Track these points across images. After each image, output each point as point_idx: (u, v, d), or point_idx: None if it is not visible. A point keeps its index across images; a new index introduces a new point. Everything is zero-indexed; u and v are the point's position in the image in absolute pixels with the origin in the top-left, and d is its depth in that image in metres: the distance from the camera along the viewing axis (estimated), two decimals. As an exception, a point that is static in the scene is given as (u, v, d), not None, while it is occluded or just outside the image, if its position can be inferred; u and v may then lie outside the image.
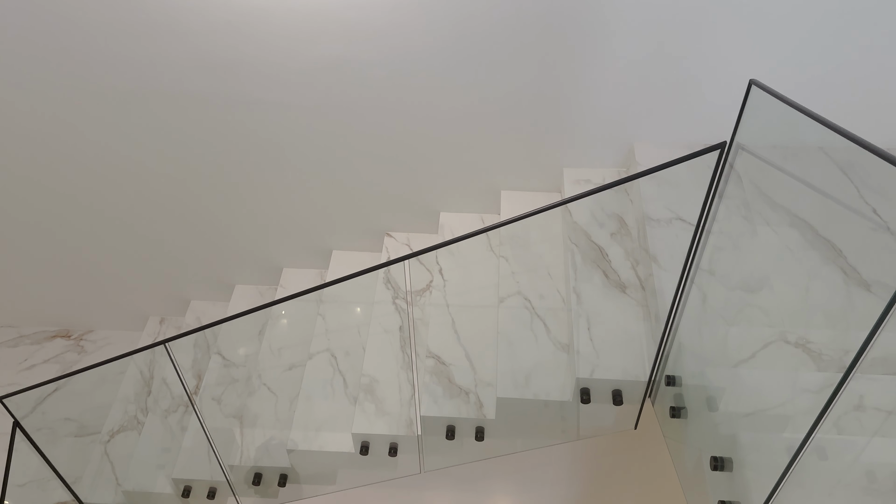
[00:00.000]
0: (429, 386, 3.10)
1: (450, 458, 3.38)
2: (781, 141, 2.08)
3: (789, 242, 2.03)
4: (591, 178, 3.45)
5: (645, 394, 2.82)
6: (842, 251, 1.79)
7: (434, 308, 3.39)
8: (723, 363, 2.29)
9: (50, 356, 4.90)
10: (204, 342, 3.98)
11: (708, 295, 2.29)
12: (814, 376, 1.67)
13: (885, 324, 1.34)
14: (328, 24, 2.94)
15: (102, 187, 3.83)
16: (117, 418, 3.94)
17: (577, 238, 3.15)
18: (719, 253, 2.20)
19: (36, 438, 3.28)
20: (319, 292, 2.75)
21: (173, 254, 4.34)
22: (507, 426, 3.06)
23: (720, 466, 2.16)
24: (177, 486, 3.58)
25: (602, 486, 5.38)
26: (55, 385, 3.20)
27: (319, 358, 3.60)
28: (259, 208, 3.96)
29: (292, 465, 3.42)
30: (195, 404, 3.55)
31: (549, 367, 2.96)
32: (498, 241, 3.47)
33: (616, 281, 2.98)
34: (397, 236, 4.09)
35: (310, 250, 4.28)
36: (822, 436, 1.57)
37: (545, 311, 3.10)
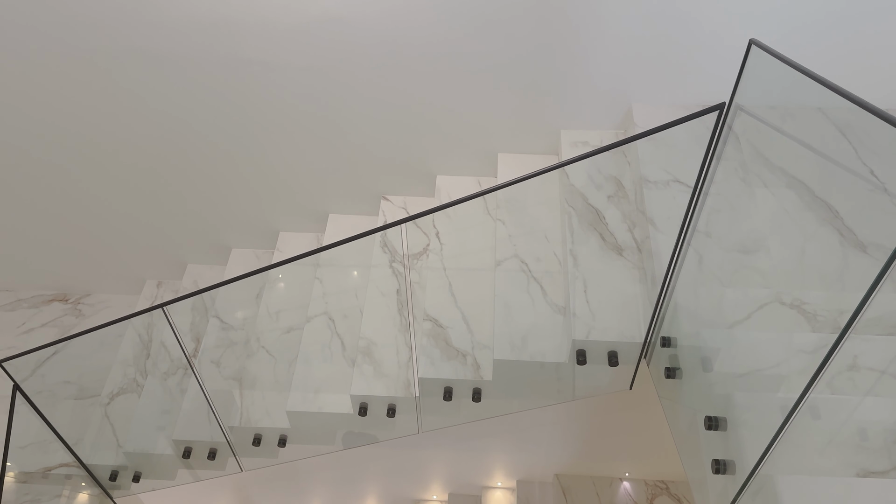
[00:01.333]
0: (426, 348, 3.12)
1: (447, 419, 3.42)
2: (780, 102, 2.07)
3: (786, 204, 2.03)
4: (588, 141, 3.43)
5: (640, 355, 2.84)
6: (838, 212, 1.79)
7: (431, 271, 3.40)
8: (718, 324, 2.31)
9: (48, 320, 4.91)
10: (202, 306, 3.99)
11: (704, 257, 2.30)
12: (808, 337, 1.69)
13: (881, 285, 1.34)
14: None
15: (97, 152, 3.80)
16: (117, 381, 3.97)
17: (574, 201, 3.14)
18: (716, 215, 2.20)
19: (36, 401, 3.30)
20: (316, 256, 2.75)
21: (169, 217, 4.32)
22: (504, 387, 3.09)
23: (714, 426, 2.19)
24: (177, 448, 3.62)
25: (597, 445, 5.46)
26: (54, 348, 3.21)
27: (317, 321, 3.62)
28: (254, 171, 3.93)
29: (292, 426, 3.46)
30: (194, 367, 3.57)
31: (545, 330, 2.98)
32: (495, 204, 3.46)
33: (613, 243, 2.98)
34: (394, 200, 4.07)
35: (306, 214, 4.26)
36: (816, 395, 1.59)
37: (542, 274, 3.11)
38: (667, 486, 5.71)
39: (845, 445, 1.62)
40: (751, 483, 1.96)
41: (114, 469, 3.76)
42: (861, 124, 1.65)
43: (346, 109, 3.49)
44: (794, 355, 1.77)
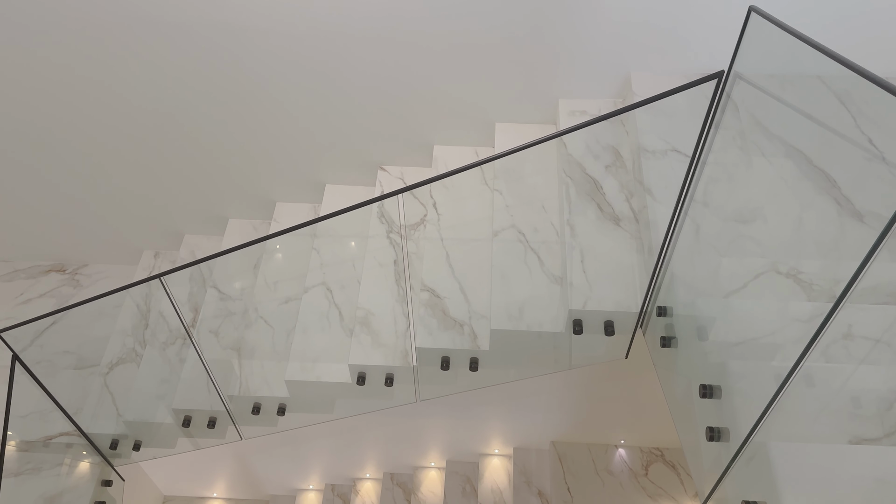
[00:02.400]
0: (424, 318, 3.13)
1: (445, 388, 3.45)
2: (779, 70, 2.05)
3: (784, 173, 2.02)
4: (586, 110, 3.41)
5: (636, 324, 2.86)
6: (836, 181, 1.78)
7: (428, 242, 3.40)
8: (714, 294, 2.32)
9: (45, 290, 4.92)
10: (199, 276, 3.99)
11: (701, 226, 2.30)
12: (804, 306, 1.69)
13: (877, 254, 1.35)
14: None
15: (92, 121, 3.77)
16: (115, 351, 3.99)
17: (572, 171, 3.13)
18: (714, 184, 2.20)
19: (35, 371, 3.32)
20: (313, 226, 2.74)
21: (165, 187, 4.30)
22: (501, 357, 3.11)
23: (709, 394, 2.21)
24: (177, 416, 3.65)
25: (593, 413, 5.52)
26: (53, 318, 3.22)
27: (315, 291, 3.63)
28: (250, 141, 3.91)
29: (291, 396, 3.48)
30: (193, 337, 3.59)
31: (542, 300, 2.99)
32: (492, 174, 3.45)
33: (610, 213, 2.98)
34: (391, 170, 4.05)
35: (303, 184, 4.25)
36: (811, 364, 1.61)
37: (539, 244, 3.12)
38: (661, 452, 5.78)
39: (839, 413, 1.63)
40: (745, 450, 1.99)
41: (114, 438, 3.79)
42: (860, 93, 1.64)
43: (343, 80, 3.46)
44: (790, 324, 1.78)
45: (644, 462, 5.75)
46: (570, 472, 5.70)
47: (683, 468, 5.67)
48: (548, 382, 4.95)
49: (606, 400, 5.25)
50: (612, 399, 5.22)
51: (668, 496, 5.54)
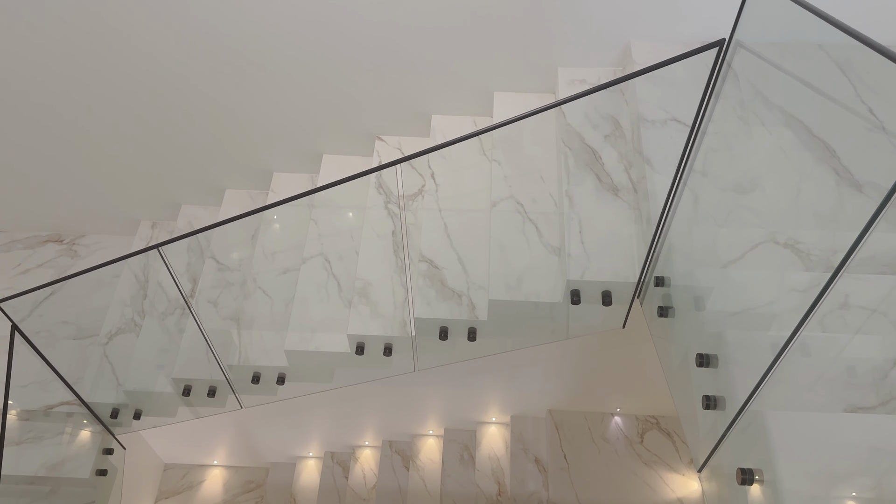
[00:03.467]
0: (422, 289, 3.14)
1: (443, 357, 3.47)
2: (780, 38, 2.04)
3: (783, 143, 2.01)
4: (586, 79, 3.38)
5: (634, 294, 2.87)
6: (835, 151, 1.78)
7: (426, 212, 3.39)
8: (712, 264, 2.32)
9: (43, 261, 4.91)
10: (197, 246, 3.99)
11: (700, 197, 2.29)
12: (801, 276, 1.70)
13: (876, 224, 1.35)
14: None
15: (88, 92, 3.73)
16: (114, 321, 4.00)
17: (571, 141, 3.12)
18: (713, 154, 2.19)
19: (35, 341, 3.33)
20: (311, 197, 2.73)
21: (162, 158, 4.28)
22: (499, 327, 3.13)
23: (705, 363, 2.23)
24: (177, 386, 3.68)
25: (589, 382, 5.57)
26: (51, 289, 3.22)
27: (313, 262, 3.63)
28: (246, 111, 3.88)
29: (290, 365, 3.50)
30: (191, 307, 3.59)
31: (540, 270, 3.00)
32: (491, 144, 3.43)
33: (609, 184, 2.97)
34: (388, 140, 4.03)
35: (300, 154, 4.22)
36: (807, 334, 1.62)
37: (537, 215, 3.11)
38: (657, 420, 5.84)
39: (834, 382, 1.65)
40: (740, 418, 2.01)
41: (114, 407, 3.82)
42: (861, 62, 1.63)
43: (339, 49, 3.42)
44: (787, 294, 1.79)
45: (640, 430, 5.81)
46: (566, 440, 5.77)
47: (679, 436, 5.74)
48: (545, 352, 4.98)
49: (603, 369, 5.30)
50: (608, 368, 5.26)
51: (664, 463, 5.61)
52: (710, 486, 2.40)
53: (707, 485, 2.43)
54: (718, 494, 2.32)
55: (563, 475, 5.60)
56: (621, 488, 5.53)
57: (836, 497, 1.70)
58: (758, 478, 1.95)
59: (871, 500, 1.58)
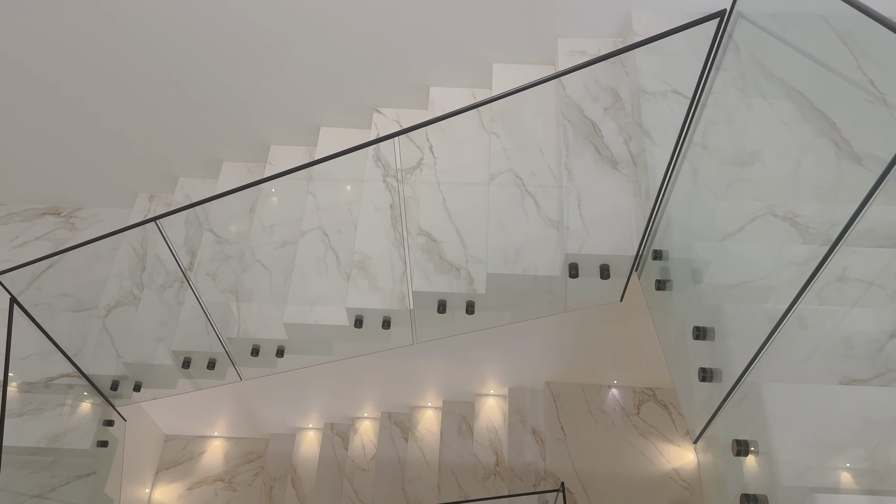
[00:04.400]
0: (420, 262, 3.15)
1: (441, 331, 3.49)
2: (782, 9, 2.01)
3: (783, 115, 2.00)
4: (586, 50, 3.35)
5: (632, 268, 2.87)
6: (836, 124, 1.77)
7: (425, 186, 3.38)
8: (710, 237, 2.32)
9: (41, 233, 4.90)
10: (195, 219, 3.98)
11: (699, 169, 2.29)
12: (800, 249, 1.70)
13: (875, 197, 1.34)
14: None
15: (83, 62, 3.69)
16: (113, 293, 4.01)
17: (570, 113, 3.10)
18: (713, 127, 2.18)
19: (34, 313, 3.34)
20: (309, 170, 2.72)
21: (158, 130, 4.25)
22: (497, 300, 3.14)
23: (702, 336, 2.24)
24: (177, 358, 3.70)
25: (587, 355, 5.60)
26: (49, 261, 3.22)
27: (311, 235, 3.63)
28: (242, 82, 3.84)
29: (289, 338, 3.52)
30: (190, 280, 3.60)
31: (538, 243, 3.00)
32: (489, 116, 3.41)
33: (608, 157, 2.96)
34: (386, 112, 4.00)
35: (297, 127, 4.20)
36: (805, 306, 1.62)
37: (536, 188, 3.10)
38: (654, 392, 5.89)
39: (830, 354, 1.66)
40: (736, 390, 2.03)
41: (114, 379, 3.84)
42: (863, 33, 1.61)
43: (338, 16, 3.38)
44: (785, 267, 1.79)
45: (636, 401, 5.86)
46: (563, 412, 5.82)
47: (675, 408, 5.80)
48: (543, 325, 5.00)
49: (600, 342, 5.32)
50: (605, 341, 5.29)
51: (660, 434, 5.67)
52: (706, 457, 2.42)
53: (702, 456, 2.46)
54: (714, 465, 2.35)
55: (560, 446, 5.65)
56: (617, 459, 5.59)
57: (830, 468, 1.72)
58: (753, 449, 1.97)
59: (865, 470, 1.60)
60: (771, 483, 1.90)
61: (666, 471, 5.50)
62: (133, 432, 5.06)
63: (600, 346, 5.40)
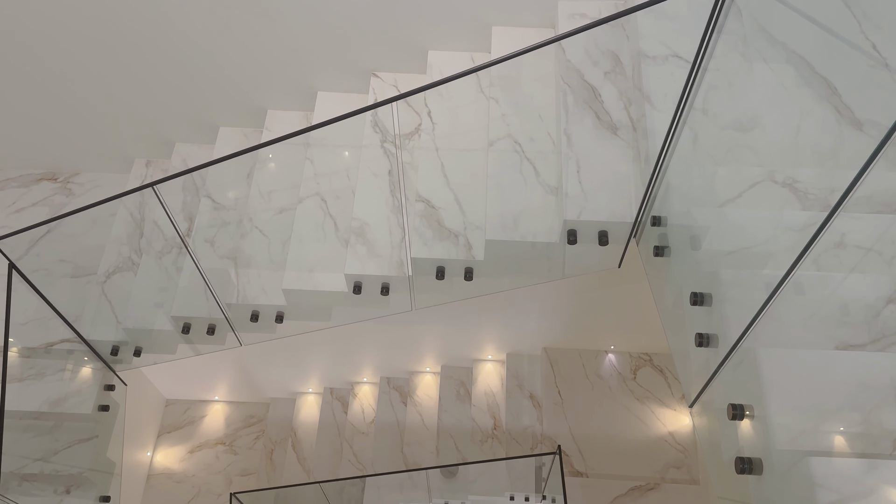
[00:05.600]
0: (419, 229, 3.14)
1: (440, 297, 3.50)
2: (787, -29, 1.98)
3: (785, 80, 1.98)
4: (586, 13, 3.31)
5: (630, 234, 2.87)
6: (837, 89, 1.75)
7: (423, 151, 3.36)
8: (709, 203, 2.32)
9: (38, 199, 4.89)
10: (192, 185, 3.96)
11: (699, 135, 2.27)
12: (798, 215, 1.70)
13: (875, 163, 1.34)
14: None
15: (82, 26, 3.64)
16: (112, 259, 4.01)
17: (570, 78, 3.07)
18: (713, 91, 2.16)
19: (32, 279, 3.35)
20: (306, 136, 2.70)
21: (154, 93, 4.21)
22: (495, 267, 3.14)
23: (699, 301, 2.25)
24: (176, 323, 3.71)
25: (584, 321, 5.63)
26: (47, 227, 3.21)
27: (309, 202, 3.62)
28: (238, 45, 3.79)
29: (288, 304, 3.53)
30: (188, 246, 3.60)
31: (537, 210, 2.99)
32: (488, 81, 3.38)
33: (608, 122, 2.94)
34: (384, 77, 3.96)
35: (294, 91, 4.16)
36: (802, 272, 1.63)
37: (535, 154, 3.09)
38: (650, 357, 5.94)
39: (827, 320, 1.67)
40: (732, 355, 2.04)
41: (114, 344, 3.86)
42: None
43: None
44: (783, 233, 1.79)
45: (633, 366, 5.91)
46: (560, 377, 5.88)
47: (671, 372, 5.85)
48: (541, 291, 5.02)
49: (598, 308, 5.35)
50: (603, 307, 5.31)
51: (656, 399, 5.73)
52: (701, 421, 2.45)
53: (698, 420, 2.49)
54: (709, 428, 2.38)
55: (556, 410, 5.72)
56: (613, 422, 5.66)
57: (824, 432, 1.74)
58: (748, 413, 1.99)
59: (859, 434, 1.62)
60: (765, 446, 1.93)
61: (661, 434, 5.58)
62: (134, 397, 5.11)
63: (598, 311, 5.42)
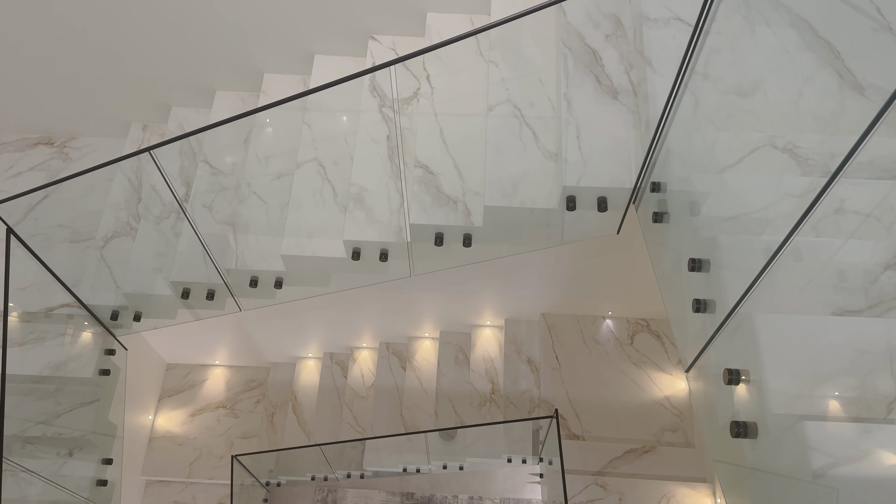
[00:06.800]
0: (417, 195, 3.13)
1: (438, 263, 3.50)
2: (792, -69, 1.94)
3: (787, 44, 1.96)
4: (587, -25, 3.25)
5: (629, 200, 2.87)
6: (840, 53, 1.73)
7: (422, 117, 3.34)
8: (709, 169, 2.31)
9: (35, 163, 4.86)
10: (189, 150, 3.93)
11: (700, 100, 2.25)
12: (798, 181, 1.69)
13: (877, 128, 1.33)
14: None
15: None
16: (110, 224, 4.00)
17: (571, 41, 3.03)
18: (715, 55, 2.13)
19: (31, 244, 3.34)
20: (304, 100, 2.68)
21: (150, 55, 4.15)
22: (494, 233, 3.14)
23: (698, 267, 2.25)
24: (176, 288, 3.72)
25: (582, 287, 5.65)
26: (44, 192, 3.20)
27: (307, 167, 3.60)
28: (233, 4, 3.73)
29: (287, 270, 3.53)
30: (186, 211, 3.59)
31: (536, 176, 2.98)
32: (488, 45, 3.34)
33: (608, 87, 2.91)
34: (382, 40, 3.91)
35: (291, 54, 4.10)
36: (801, 238, 1.63)
37: (534, 120, 3.06)
38: (647, 323, 5.98)
39: (824, 286, 1.67)
40: (730, 321, 2.05)
41: (114, 309, 3.88)
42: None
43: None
44: (782, 199, 1.79)
45: (630, 332, 5.95)
46: (558, 342, 5.92)
47: (668, 338, 5.89)
48: (539, 257, 5.03)
49: (596, 274, 5.36)
50: (601, 273, 5.33)
51: (652, 363, 5.78)
52: (697, 385, 2.48)
53: (694, 384, 2.51)
54: (705, 393, 2.40)
55: (554, 374, 5.77)
56: (610, 387, 5.72)
57: (819, 396, 1.76)
58: (744, 378, 2.01)
59: (854, 399, 1.63)
60: (760, 410, 1.95)
61: (657, 398, 5.64)
62: (135, 361, 5.14)
63: (596, 278, 5.44)
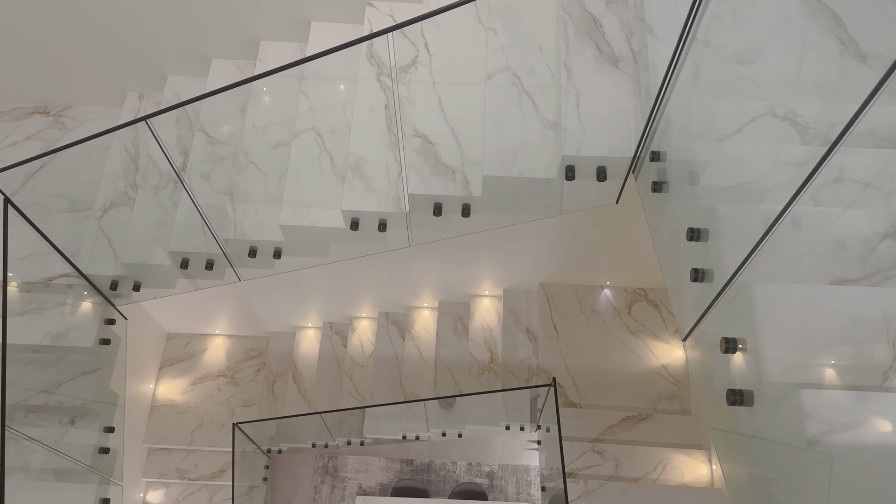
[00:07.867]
0: (416, 165, 3.12)
1: (437, 233, 3.50)
2: None
3: (789, 11, 1.93)
4: (588, -60, 3.20)
5: (629, 169, 2.86)
6: (842, 20, 1.71)
7: (420, 85, 3.31)
8: (709, 138, 2.30)
9: (31, 133, 4.83)
10: (186, 119, 3.90)
11: (701, 67, 2.23)
12: (798, 150, 1.68)
13: (878, 97, 1.32)
14: None
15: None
16: (108, 194, 3.99)
17: (571, 7, 2.99)
18: (717, 22, 2.11)
19: (29, 214, 3.34)
20: (300, 68, 2.65)
21: (145, 22, 4.09)
22: (493, 203, 3.14)
23: (696, 237, 2.25)
24: (174, 258, 3.72)
25: (581, 257, 5.66)
26: (41, 162, 3.19)
27: (305, 136, 3.58)
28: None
29: (286, 240, 3.53)
30: (184, 181, 3.57)
31: (535, 145, 2.97)
32: (487, 11, 3.30)
33: (609, 54, 2.88)
34: (379, 6, 3.86)
35: (287, 20, 4.05)
36: (799, 207, 1.63)
37: (534, 88, 3.04)
38: (645, 292, 6.00)
39: (822, 255, 1.67)
40: (727, 290, 2.06)
41: (113, 279, 3.88)
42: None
43: None
44: (782, 168, 1.78)
45: (628, 301, 5.98)
46: (556, 311, 5.95)
47: (666, 307, 5.92)
48: (538, 227, 5.02)
49: (594, 244, 5.37)
50: (599, 243, 5.33)
51: (650, 332, 5.82)
52: (694, 354, 2.49)
53: (691, 353, 2.53)
54: (702, 361, 2.42)
55: (552, 343, 5.81)
56: (608, 356, 5.76)
57: (815, 364, 1.77)
58: (741, 346, 2.02)
59: (850, 367, 1.64)
60: (757, 379, 1.96)
61: (654, 367, 5.68)
62: (135, 331, 5.17)
63: (594, 247, 5.44)
